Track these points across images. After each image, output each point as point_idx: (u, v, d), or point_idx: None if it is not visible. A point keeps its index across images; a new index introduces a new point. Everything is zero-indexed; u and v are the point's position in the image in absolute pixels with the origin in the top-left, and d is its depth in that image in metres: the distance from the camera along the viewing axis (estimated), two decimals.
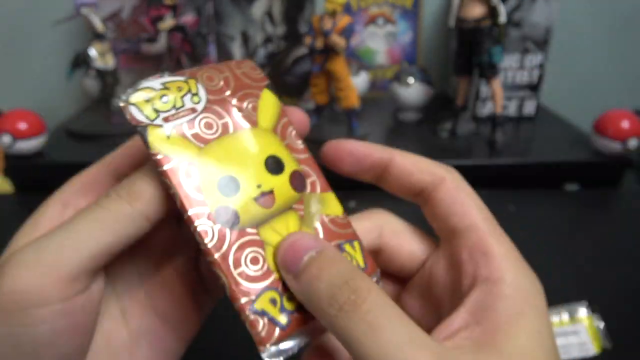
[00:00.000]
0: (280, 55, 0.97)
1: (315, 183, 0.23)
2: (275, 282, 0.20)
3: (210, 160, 0.20)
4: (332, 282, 0.17)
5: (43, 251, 0.17)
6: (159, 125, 0.19)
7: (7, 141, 0.73)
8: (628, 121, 0.73)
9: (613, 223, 0.63)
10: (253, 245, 0.20)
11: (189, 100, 0.20)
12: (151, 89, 0.20)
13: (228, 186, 0.20)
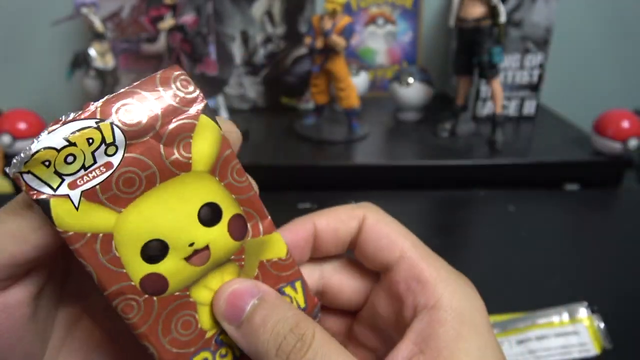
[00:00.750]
0: (280, 55, 0.97)
1: (258, 226, 0.20)
2: (207, 342, 0.19)
3: (131, 226, 0.17)
4: (277, 331, 0.17)
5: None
6: (64, 195, 0.16)
7: (7, 141, 0.73)
8: (628, 121, 0.73)
9: (613, 223, 0.63)
10: (184, 308, 0.18)
11: (102, 154, 0.16)
12: (52, 149, 0.15)
13: (154, 251, 0.17)
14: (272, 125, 0.91)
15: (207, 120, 0.18)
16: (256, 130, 0.89)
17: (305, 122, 0.88)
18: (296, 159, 0.76)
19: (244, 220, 0.19)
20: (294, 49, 0.97)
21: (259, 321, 0.18)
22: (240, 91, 1.00)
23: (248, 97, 1.00)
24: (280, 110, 1.00)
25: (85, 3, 0.82)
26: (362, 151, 0.80)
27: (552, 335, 0.41)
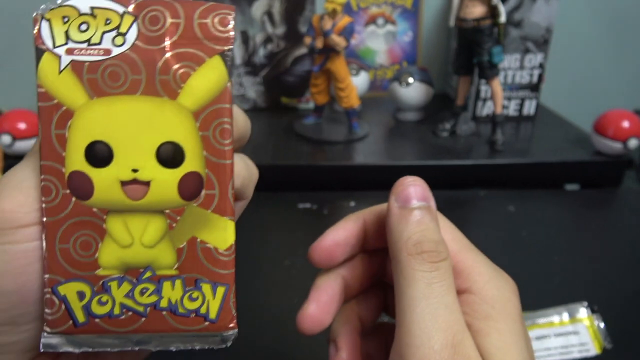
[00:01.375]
0: (280, 55, 0.97)
1: (213, 199, 0.18)
2: (94, 278, 0.18)
3: (93, 116, 0.17)
4: (426, 232, 0.20)
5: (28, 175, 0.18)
6: (57, 55, 0.17)
7: (7, 141, 0.73)
8: (628, 121, 0.73)
9: (613, 223, 0.63)
10: (92, 229, 0.17)
11: (109, 40, 0.17)
12: (75, 10, 0.17)
13: (97, 153, 0.17)
14: (272, 125, 0.91)
15: (219, 63, 0.17)
16: (256, 130, 0.89)
17: (305, 122, 0.88)
18: (296, 159, 0.76)
19: (201, 182, 0.18)
20: (294, 49, 0.97)
21: (419, 217, 0.20)
22: (240, 91, 1.00)
23: (248, 97, 1.00)
24: (280, 110, 1.00)
25: None
26: (362, 151, 0.80)
27: (552, 335, 0.41)
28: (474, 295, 0.20)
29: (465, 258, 0.21)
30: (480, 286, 0.20)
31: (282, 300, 0.24)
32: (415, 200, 0.20)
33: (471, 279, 0.20)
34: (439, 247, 0.19)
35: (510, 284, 0.21)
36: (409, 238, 0.19)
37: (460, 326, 0.18)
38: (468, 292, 0.20)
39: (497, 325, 0.19)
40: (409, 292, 0.18)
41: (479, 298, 0.20)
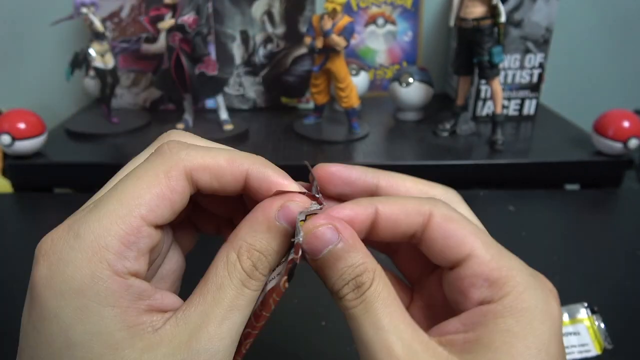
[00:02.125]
0: (280, 55, 0.97)
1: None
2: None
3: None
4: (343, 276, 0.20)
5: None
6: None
7: (7, 141, 0.73)
8: (628, 121, 0.73)
9: (613, 223, 0.63)
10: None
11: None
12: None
13: None
14: (272, 125, 0.91)
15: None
16: (256, 130, 0.89)
17: (305, 122, 0.88)
18: (296, 159, 0.76)
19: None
20: (294, 49, 0.96)
21: (331, 262, 0.20)
22: (240, 91, 1.00)
23: (248, 97, 1.00)
24: (280, 110, 1.00)
25: (85, 3, 0.82)
26: (362, 151, 0.80)
27: None
28: (502, 307, 0.19)
29: (500, 266, 0.20)
30: (512, 298, 0.19)
31: (282, 300, 0.24)
32: (322, 249, 0.20)
33: (505, 289, 0.19)
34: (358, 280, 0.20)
35: (546, 291, 0.20)
36: (332, 288, 0.20)
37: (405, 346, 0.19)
38: (497, 303, 0.19)
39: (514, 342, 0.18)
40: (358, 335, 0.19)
41: (507, 310, 0.19)
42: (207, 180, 0.20)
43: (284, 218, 0.20)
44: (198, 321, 0.19)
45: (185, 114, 0.86)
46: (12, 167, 0.76)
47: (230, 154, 0.21)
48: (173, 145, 0.20)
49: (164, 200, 0.19)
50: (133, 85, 0.99)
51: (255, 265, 0.20)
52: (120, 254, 0.18)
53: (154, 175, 0.19)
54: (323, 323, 0.43)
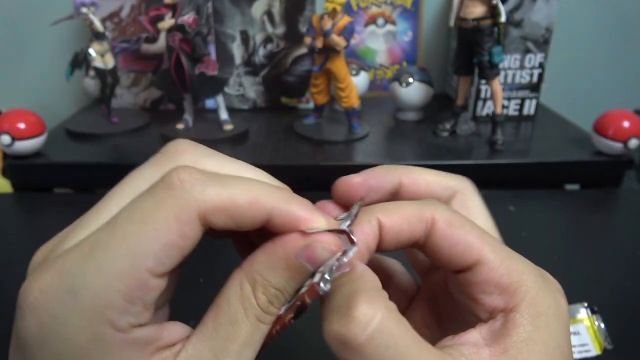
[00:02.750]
0: (280, 55, 0.97)
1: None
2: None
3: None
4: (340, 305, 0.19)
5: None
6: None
7: (7, 141, 0.73)
8: (628, 121, 0.73)
9: (613, 223, 0.63)
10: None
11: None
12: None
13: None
14: (272, 125, 0.91)
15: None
16: (256, 130, 0.89)
17: (305, 122, 0.88)
18: (296, 159, 0.76)
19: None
20: (294, 49, 0.96)
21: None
22: (240, 91, 1.00)
23: (248, 97, 1.00)
24: (280, 110, 1.00)
25: (85, 3, 0.82)
26: (362, 151, 0.80)
27: None
28: (519, 315, 0.19)
29: (509, 271, 0.19)
30: (527, 303, 0.19)
31: None
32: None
33: (518, 296, 0.19)
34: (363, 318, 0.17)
35: (555, 292, 0.20)
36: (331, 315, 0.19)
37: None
38: (514, 311, 0.19)
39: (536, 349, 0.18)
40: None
41: (525, 318, 0.19)
42: (222, 222, 0.18)
43: (307, 259, 0.18)
44: (211, 358, 0.18)
45: (185, 114, 0.86)
46: (12, 167, 0.76)
47: (251, 192, 0.18)
48: (185, 179, 0.17)
49: (174, 249, 0.17)
50: (133, 85, 0.99)
51: (271, 301, 0.19)
52: (123, 311, 0.16)
53: (163, 220, 0.16)
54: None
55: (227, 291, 0.18)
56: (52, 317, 0.16)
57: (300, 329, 0.22)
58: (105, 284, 0.16)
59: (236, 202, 0.17)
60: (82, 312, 0.16)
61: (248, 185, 0.18)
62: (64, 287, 0.16)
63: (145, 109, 1.00)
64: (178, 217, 0.17)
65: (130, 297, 0.16)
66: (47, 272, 0.16)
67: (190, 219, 0.17)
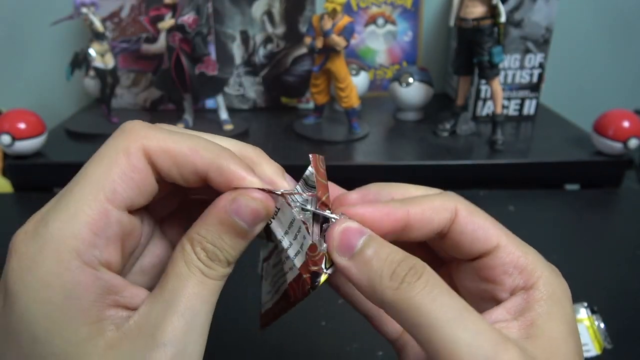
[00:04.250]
0: (280, 55, 0.97)
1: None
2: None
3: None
4: (391, 259, 0.19)
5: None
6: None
7: (7, 141, 0.73)
8: (628, 121, 0.73)
9: (613, 223, 0.63)
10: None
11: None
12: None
13: None
14: (272, 125, 0.91)
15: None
16: (256, 130, 0.89)
17: (305, 122, 0.88)
18: (296, 159, 0.76)
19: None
20: (294, 49, 0.96)
21: (371, 253, 0.20)
22: (240, 91, 1.00)
23: (248, 97, 1.00)
24: (280, 110, 1.00)
25: (85, 3, 0.82)
26: (362, 151, 0.80)
27: None
28: (538, 291, 0.20)
29: (523, 254, 0.21)
30: (543, 282, 0.21)
31: None
32: (356, 240, 0.20)
33: (535, 275, 0.21)
34: (410, 260, 0.19)
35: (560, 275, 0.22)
36: (382, 278, 0.19)
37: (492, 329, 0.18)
38: (533, 288, 0.21)
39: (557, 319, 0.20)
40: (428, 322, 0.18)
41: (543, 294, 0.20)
42: (167, 167, 0.19)
43: (235, 212, 0.20)
44: (161, 313, 0.18)
45: (185, 114, 0.86)
46: (12, 167, 0.76)
47: (195, 143, 0.20)
48: (135, 123, 0.20)
49: (128, 180, 0.18)
50: (133, 85, 0.99)
51: (211, 257, 0.20)
52: (89, 242, 0.17)
53: (113, 154, 0.19)
54: (323, 323, 0.43)
55: (173, 254, 0.20)
56: (27, 251, 0.17)
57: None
58: (70, 214, 0.17)
59: (179, 147, 0.19)
60: (52, 242, 0.17)
61: (193, 139, 0.20)
62: (41, 225, 0.18)
63: (145, 109, 1.00)
64: (126, 151, 0.19)
65: (94, 227, 0.18)
66: (30, 219, 0.18)
67: (137, 153, 0.19)
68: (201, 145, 0.20)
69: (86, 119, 0.93)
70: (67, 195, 0.18)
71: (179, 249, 0.20)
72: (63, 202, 0.18)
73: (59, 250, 0.17)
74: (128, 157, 0.19)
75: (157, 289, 0.19)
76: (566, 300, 0.21)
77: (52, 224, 0.17)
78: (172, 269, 0.19)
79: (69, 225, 0.17)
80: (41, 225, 0.18)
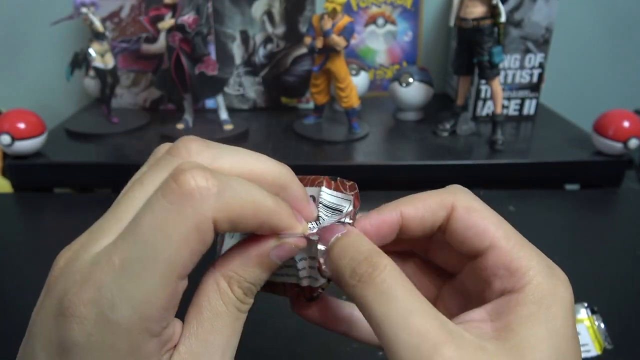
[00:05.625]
0: (280, 55, 0.97)
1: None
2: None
3: None
4: (353, 257, 0.20)
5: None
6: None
7: (7, 141, 0.73)
8: (628, 121, 0.73)
9: (613, 223, 0.63)
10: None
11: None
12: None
13: None
14: (272, 125, 0.91)
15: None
16: (256, 130, 0.89)
17: (305, 122, 0.88)
18: (296, 159, 0.76)
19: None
20: (294, 49, 0.96)
21: (338, 250, 0.21)
22: (240, 91, 1.00)
23: (248, 97, 1.00)
24: (281, 110, 1.00)
25: (85, 3, 0.82)
26: (362, 151, 0.80)
27: None
28: (524, 294, 0.20)
29: (519, 256, 0.21)
30: (533, 286, 0.20)
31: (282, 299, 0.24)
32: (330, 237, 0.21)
33: (525, 279, 0.20)
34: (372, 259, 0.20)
35: (562, 281, 0.21)
36: (344, 275, 0.20)
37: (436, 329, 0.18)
38: (519, 292, 0.20)
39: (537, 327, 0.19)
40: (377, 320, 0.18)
41: (528, 297, 0.20)
42: (225, 228, 0.19)
43: (278, 257, 0.21)
44: (202, 352, 0.19)
45: (185, 114, 0.86)
46: (12, 167, 0.76)
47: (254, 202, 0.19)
48: (202, 185, 0.17)
49: (196, 255, 0.18)
50: (133, 85, 0.99)
51: (246, 293, 0.20)
52: (159, 318, 0.18)
53: (186, 231, 0.17)
54: None
55: (205, 290, 0.20)
56: (97, 329, 0.17)
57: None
58: (143, 298, 0.17)
59: (242, 213, 0.19)
60: (123, 324, 0.17)
61: (251, 191, 0.19)
62: (105, 302, 0.17)
63: (145, 109, 1.00)
64: (198, 227, 0.17)
65: (166, 306, 0.18)
66: (87, 287, 0.17)
67: (208, 229, 0.18)
68: (259, 205, 0.19)
69: (86, 119, 0.93)
70: (135, 269, 0.17)
71: (213, 289, 0.20)
72: (131, 278, 0.17)
73: (132, 331, 0.17)
74: (199, 234, 0.18)
75: (194, 327, 0.19)
76: (558, 306, 0.20)
77: (123, 304, 0.17)
78: (208, 306, 0.20)
79: (141, 308, 0.17)
80: (105, 302, 0.17)
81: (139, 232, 0.17)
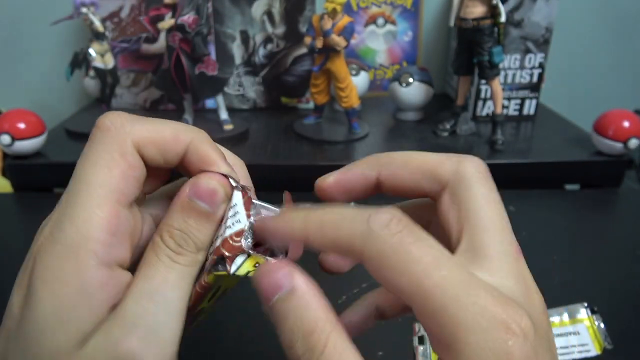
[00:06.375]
0: (280, 55, 0.97)
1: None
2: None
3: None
4: (292, 331, 0.18)
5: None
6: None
7: (7, 141, 0.73)
8: (628, 121, 0.73)
9: (613, 223, 0.63)
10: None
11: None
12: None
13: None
14: (272, 125, 0.91)
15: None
16: (256, 130, 0.89)
17: (305, 122, 0.88)
18: (296, 159, 0.76)
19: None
20: (294, 49, 0.96)
21: (281, 314, 0.18)
22: (240, 91, 1.00)
23: (248, 97, 1.00)
24: (281, 110, 1.00)
25: (85, 3, 0.82)
26: (362, 151, 0.80)
27: (553, 335, 0.41)
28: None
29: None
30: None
31: None
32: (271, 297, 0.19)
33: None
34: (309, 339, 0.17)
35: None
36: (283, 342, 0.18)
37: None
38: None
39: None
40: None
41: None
42: (152, 155, 0.21)
43: (194, 195, 0.21)
44: (137, 300, 0.19)
45: (185, 114, 0.86)
46: (12, 167, 0.76)
47: (174, 128, 0.21)
48: (116, 119, 0.20)
49: (129, 179, 0.20)
50: (133, 85, 0.99)
51: (179, 243, 0.20)
52: (105, 243, 0.19)
53: (108, 155, 0.20)
54: None
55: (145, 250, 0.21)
56: (49, 260, 0.18)
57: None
58: (84, 218, 0.18)
59: (161, 135, 0.21)
60: (71, 250, 0.18)
61: (171, 124, 0.21)
62: (54, 234, 0.19)
63: (145, 109, 1.00)
64: (121, 151, 0.20)
65: (109, 228, 0.19)
66: (42, 230, 0.20)
67: (130, 150, 0.20)
68: (181, 129, 0.21)
69: (86, 119, 0.93)
70: (75, 200, 0.19)
71: (149, 245, 0.21)
72: (74, 207, 0.19)
73: (78, 253, 0.18)
74: (125, 157, 0.20)
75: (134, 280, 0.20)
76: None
77: (68, 229, 0.18)
78: (143, 259, 0.20)
79: (85, 229, 0.18)
80: (56, 230, 0.19)
81: (75, 172, 0.20)
